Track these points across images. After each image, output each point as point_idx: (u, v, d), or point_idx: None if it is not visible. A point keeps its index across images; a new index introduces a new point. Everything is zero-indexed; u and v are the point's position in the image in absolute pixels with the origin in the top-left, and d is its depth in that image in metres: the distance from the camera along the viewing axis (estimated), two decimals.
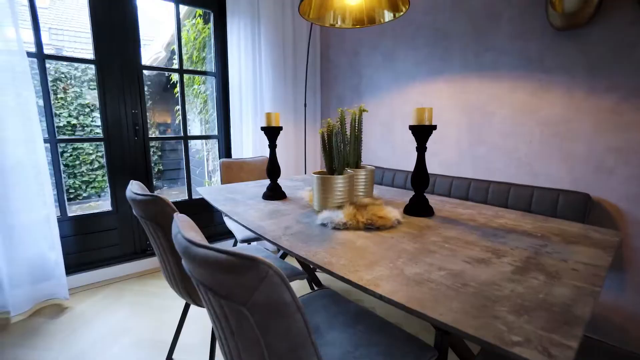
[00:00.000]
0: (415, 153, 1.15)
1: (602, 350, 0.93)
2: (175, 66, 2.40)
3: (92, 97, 3.84)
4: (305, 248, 0.86)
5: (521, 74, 1.56)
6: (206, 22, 2.82)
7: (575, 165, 1.44)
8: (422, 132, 1.13)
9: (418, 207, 1.18)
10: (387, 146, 2.31)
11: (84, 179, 3.93)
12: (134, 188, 1.12)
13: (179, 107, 2.91)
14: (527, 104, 1.56)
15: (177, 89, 3.01)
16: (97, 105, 3.47)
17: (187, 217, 0.76)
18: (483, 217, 1.15)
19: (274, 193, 1.47)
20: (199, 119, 3.07)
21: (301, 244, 0.89)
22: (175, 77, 2.87)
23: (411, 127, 1.15)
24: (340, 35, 2.55)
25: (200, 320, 1.71)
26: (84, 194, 3.95)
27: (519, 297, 0.62)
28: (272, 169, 1.48)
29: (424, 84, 1.99)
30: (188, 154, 2.45)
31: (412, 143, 2.08)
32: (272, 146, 1.46)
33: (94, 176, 3.96)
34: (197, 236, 0.63)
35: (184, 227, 0.67)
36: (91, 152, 3.90)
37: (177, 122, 3.01)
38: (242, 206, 1.33)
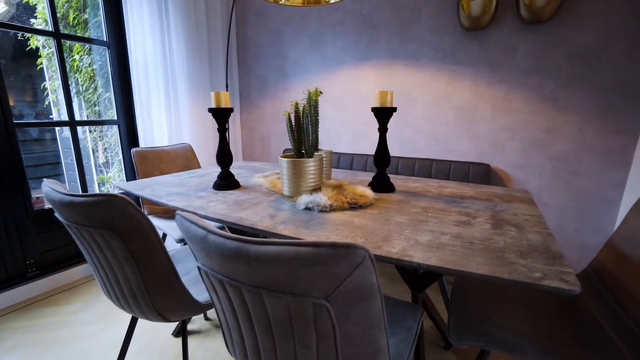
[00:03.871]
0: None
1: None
2: (45, 27, 1.82)
3: None
4: (313, 234, 0.83)
5: (439, 65, 1.82)
6: None
7: (479, 143, 1.81)
8: (384, 114, 1.21)
9: (383, 184, 1.27)
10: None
11: None
12: (59, 188, 0.83)
13: (45, 82, 2.27)
14: (443, 91, 1.84)
15: (43, 59, 2.30)
16: None
17: (189, 214, 0.62)
18: (434, 189, 1.33)
19: (228, 182, 1.33)
20: (79, 100, 2.44)
21: (304, 230, 0.85)
22: (36, 42, 2.18)
23: (374, 109, 1.21)
24: (262, 13, 2.41)
25: (143, 335, 1.44)
26: None
27: (513, 245, 0.76)
28: (224, 155, 1.32)
29: (353, 69, 2.10)
30: (78, 144, 1.93)
31: (342, 126, 2.18)
32: (222, 130, 1.30)
33: None
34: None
35: (208, 225, 0.55)
36: None
37: (45, 103, 2.31)
38: (197, 200, 1.15)
